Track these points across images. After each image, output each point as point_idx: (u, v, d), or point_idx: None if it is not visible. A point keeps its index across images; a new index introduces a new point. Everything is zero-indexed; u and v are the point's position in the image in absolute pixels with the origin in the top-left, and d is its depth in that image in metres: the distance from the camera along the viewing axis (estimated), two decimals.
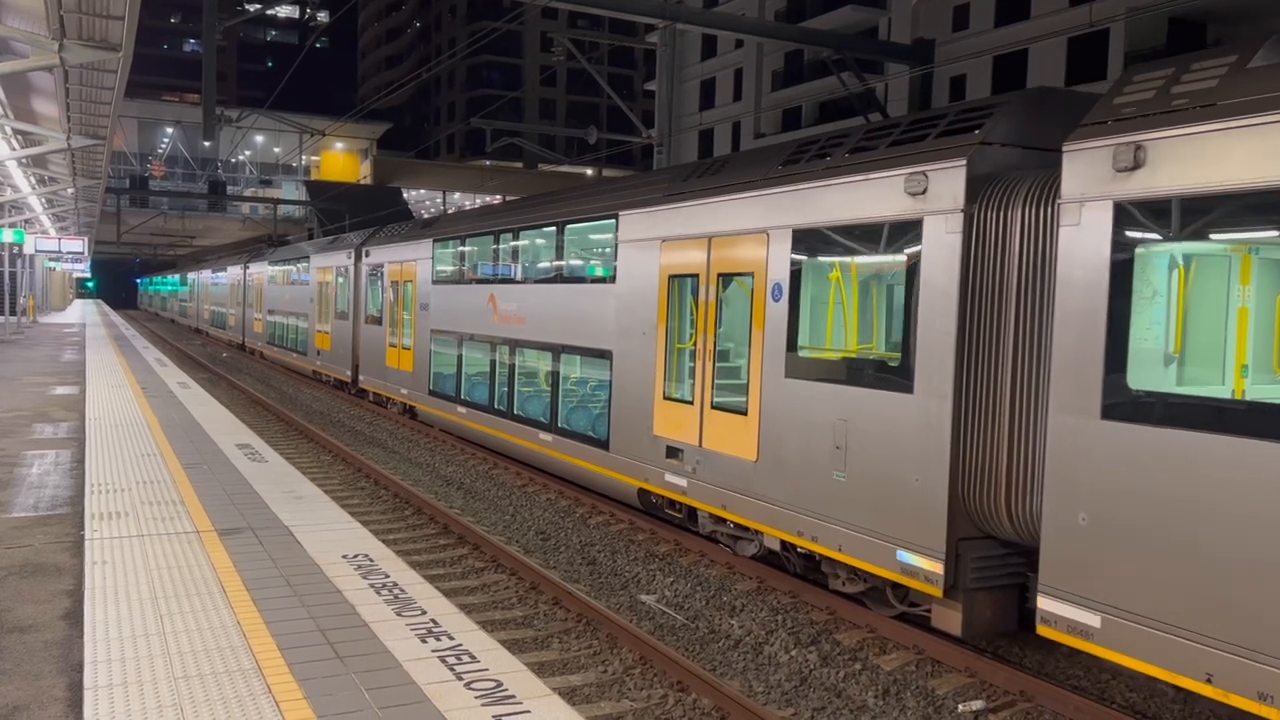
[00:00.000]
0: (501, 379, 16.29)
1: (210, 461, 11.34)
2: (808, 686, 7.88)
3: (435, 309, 19.30)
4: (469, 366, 17.88)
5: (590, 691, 7.60)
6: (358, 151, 78.32)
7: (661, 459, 11.61)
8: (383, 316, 22.65)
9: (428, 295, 19.75)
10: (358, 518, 12.45)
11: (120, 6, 11.58)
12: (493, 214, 17.52)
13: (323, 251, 28.71)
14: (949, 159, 7.93)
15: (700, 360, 10.91)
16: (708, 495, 10.75)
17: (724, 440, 10.46)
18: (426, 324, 19.70)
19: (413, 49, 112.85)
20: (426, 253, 19.99)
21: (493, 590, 10.10)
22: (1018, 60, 36.20)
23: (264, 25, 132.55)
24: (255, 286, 39.47)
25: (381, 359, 22.67)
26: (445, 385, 18.81)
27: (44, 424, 14.04)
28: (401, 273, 21.45)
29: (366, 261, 24.09)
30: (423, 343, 19.93)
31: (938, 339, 7.94)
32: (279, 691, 4.98)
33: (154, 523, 8.33)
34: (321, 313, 28.36)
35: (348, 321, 25.51)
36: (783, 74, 49.14)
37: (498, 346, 16.43)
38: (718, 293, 10.67)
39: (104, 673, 5.14)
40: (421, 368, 20.02)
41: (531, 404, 15.38)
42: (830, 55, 23.02)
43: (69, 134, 19.77)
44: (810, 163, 9.57)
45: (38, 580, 6.87)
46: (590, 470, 13.34)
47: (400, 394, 21.28)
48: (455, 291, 18.47)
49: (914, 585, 8.15)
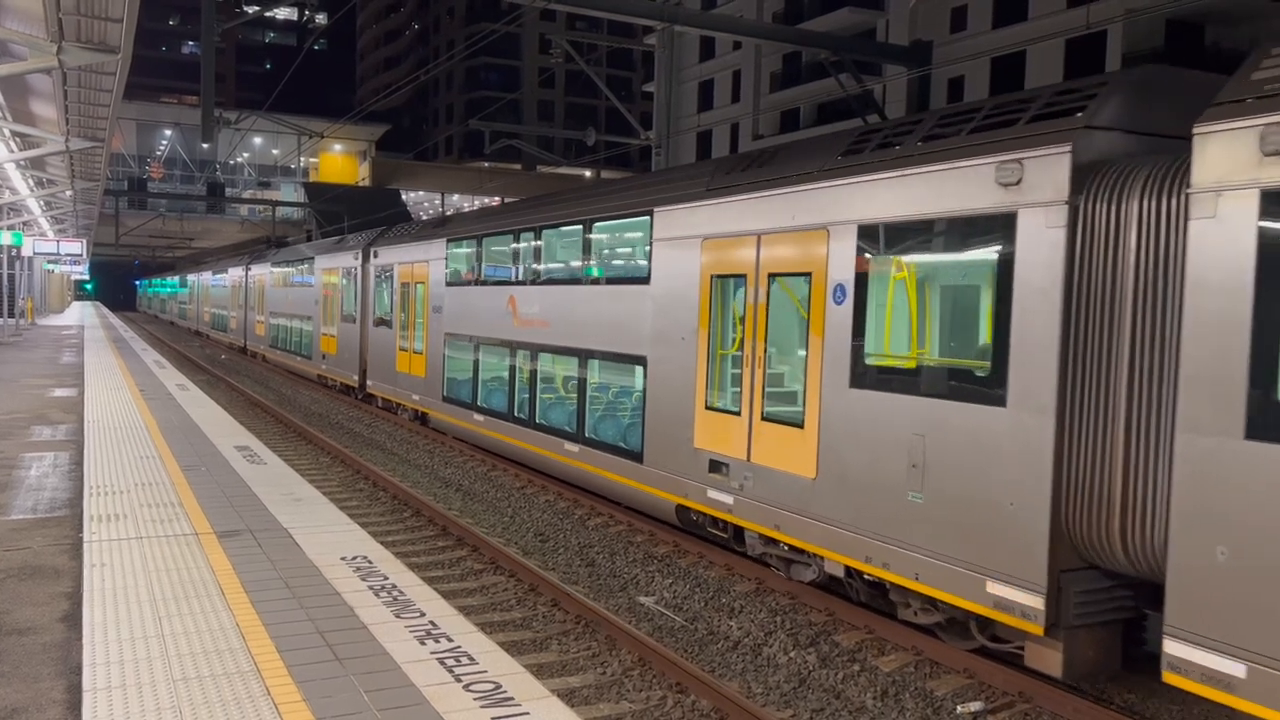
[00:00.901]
0: (522, 386, 15.47)
1: (209, 463, 11.34)
2: (806, 688, 7.88)
3: (449, 312, 18.44)
4: (486, 372, 17.08)
5: (589, 693, 7.60)
6: (356, 153, 78.34)
7: (703, 473, 10.76)
8: (392, 319, 21.77)
9: (441, 297, 18.85)
10: (356, 519, 12.44)
11: (119, 9, 11.59)
12: (511, 212, 16.62)
13: (328, 252, 27.93)
14: (1049, 145, 7.11)
15: (748, 368, 10.07)
16: (758, 514, 9.89)
17: (777, 455, 9.63)
18: (439, 327, 18.84)
19: (411, 51, 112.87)
20: (439, 253, 19.10)
21: (492, 592, 10.10)
22: (1015, 62, 36.23)
23: (262, 27, 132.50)
24: (257, 288, 38.72)
25: (391, 363, 21.88)
26: (460, 391, 17.97)
27: (42, 426, 14.03)
28: (412, 274, 20.55)
29: (375, 262, 23.30)
30: (435, 347, 19.06)
31: (1037, 346, 7.12)
32: (278, 693, 4.98)
33: (153, 525, 8.33)
34: (327, 315, 27.53)
35: (355, 324, 24.71)
36: (781, 76, 49.17)
37: (518, 351, 15.59)
38: (768, 294, 9.83)
39: (103, 675, 5.14)
40: (434, 373, 19.17)
41: (555, 412, 14.63)
42: (828, 57, 23.04)
43: (67, 136, 19.78)
44: (876, 152, 8.78)
45: (36, 582, 6.86)
46: (622, 484, 12.53)
47: (411, 400, 20.47)
48: (471, 293, 17.62)
49: (1008, 621, 7.29)
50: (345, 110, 63.28)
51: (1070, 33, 25.51)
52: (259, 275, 38.46)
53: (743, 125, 51.15)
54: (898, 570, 8.27)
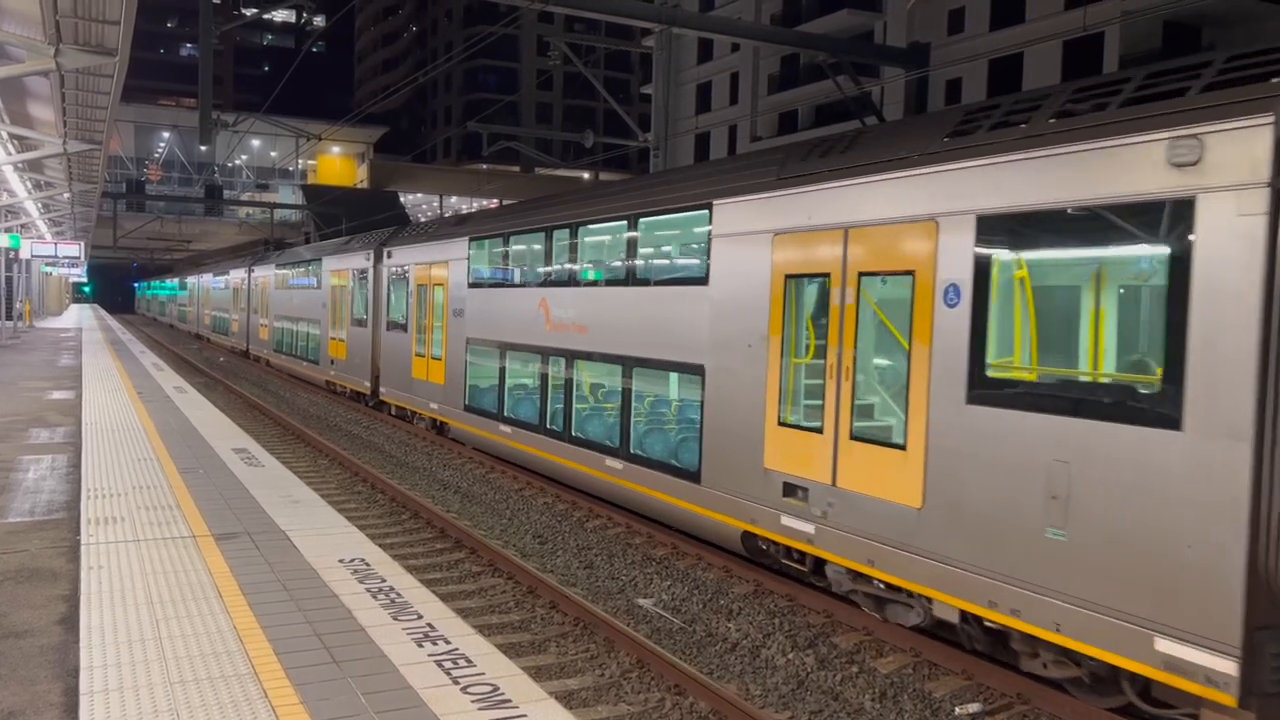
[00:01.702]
0: (555, 396, 14.34)
1: (206, 466, 11.33)
2: (805, 689, 7.88)
3: (472, 315, 17.31)
4: (514, 380, 16.01)
5: (587, 695, 7.60)
6: (354, 155, 78.32)
7: (776, 497, 9.59)
8: (408, 323, 20.57)
9: (462, 300, 17.73)
10: (354, 522, 12.43)
11: (116, 11, 11.59)
12: (543, 208, 15.38)
13: (337, 253, 26.80)
14: (1241, 116, 5.99)
15: (833, 379, 8.90)
16: (846, 546, 8.73)
17: (870, 479, 8.47)
18: (461, 332, 17.69)
19: (409, 53, 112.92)
20: (461, 252, 17.93)
21: (490, 594, 10.09)
22: (1013, 64, 36.27)
23: (260, 29, 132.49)
24: (260, 290, 37.53)
25: (406, 370, 20.69)
26: (484, 401, 16.87)
27: (40, 429, 14.02)
28: (430, 275, 19.39)
29: (389, 263, 22.06)
30: (456, 353, 17.94)
31: (1225, 359, 5.97)
32: (275, 696, 4.98)
33: (150, 527, 8.32)
34: (336, 319, 26.32)
35: (366, 329, 23.64)
36: (779, 77, 49.21)
37: (551, 359, 14.44)
38: (858, 295, 8.69)
39: (99, 678, 5.13)
40: (455, 380, 18.00)
41: (594, 425, 13.59)
42: (826, 59, 23.07)
43: (65, 139, 19.77)
44: (995, 132, 7.71)
45: (33, 585, 6.85)
46: (674, 506, 11.39)
47: (429, 409, 19.32)
48: (497, 296, 16.49)
49: (1184, 686, 6.18)
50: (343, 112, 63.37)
51: (1068, 34, 25.54)
52: (263, 277, 37.36)
53: (741, 127, 51.19)
54: (1031, 619, 7.06)
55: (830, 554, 8.96)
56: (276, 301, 34.50)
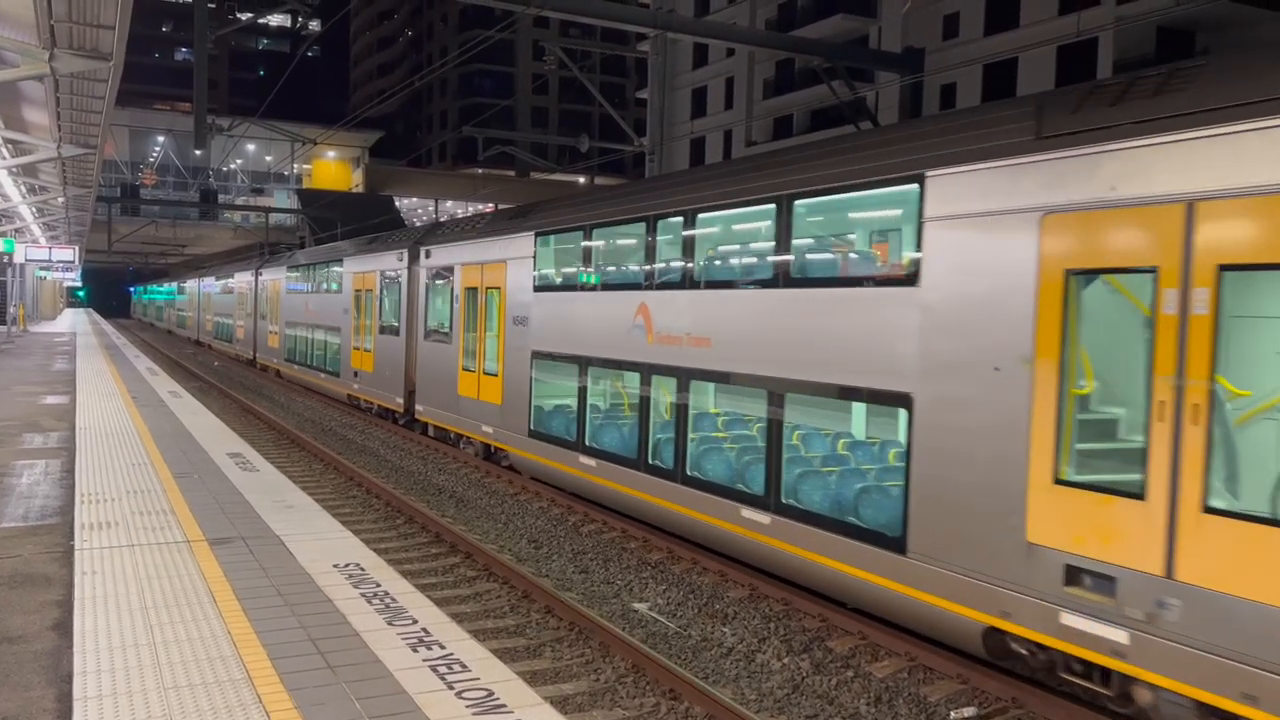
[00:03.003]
0: (662, 425, 11.93)
1: (201, 470, 11.31)
2: (800, 694, 7.88)
3: (540, 324, 14.68)
4: (599, 403, 13.80)
5: (582, 700, 7.60)
6: (350, 159, 78.34)
7: (1050, 585, 7.00)
8: (452, 332, 18.05)
9: (526, 306, 15.10)
10: (349, 527, 12.42)
11: (111, 16, 11.58)
12: (640, 192, 12.79)
13: (363, 253, 24.18)
14: None
15: (1166, 423, 6.36)
16: (1194, 668, 6.15)
17: (1247, 574, 5.91)
18: (525, 343, 15.05)
19: (405, 57, 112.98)
20: (525, 249, 15.25)
21: (485, 599, 10.08)
22: (1008, 69, 36.39)
23: (256, 34, 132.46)
24: (270, 295, 34.74)
25: (450, 386, 18.11)
26: (556, 426, 14.40)
27: (34, 433, 13.98)
28: (484, 277, 16.81)
29: (428, 264, 19.42)
30: (518, 368, 15.29)
31: None
32: (270, 701, 4.97)
33: (144, 532, 8.31)
34: (360, 326, 23.81)
35: (398, 338, 21.11)
36: (774, 82, 49.31)
37: (655, 378, 11.93)
38: (1215, 299, 6.15)
39: (93, 683, 5.12)
40: (516, 400, 15.33)
41: (720, 464, 11.06)
42: (821, 64, 23.12)
43: (60, 143, 19.75)
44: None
45: (27, 590, 6.84)
46: (859, 579, 8.70)
47: (480, 432, 16.66)
48: (575, 301, 13.79)
49: None
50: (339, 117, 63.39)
51: (1062, 39, 25.61)
52: (272, 280, 34.51)
53: (736, 132, 51.29)
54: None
55: (1164, 678, 6.39)
56: (288, 307, 31.81)
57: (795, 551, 9.51)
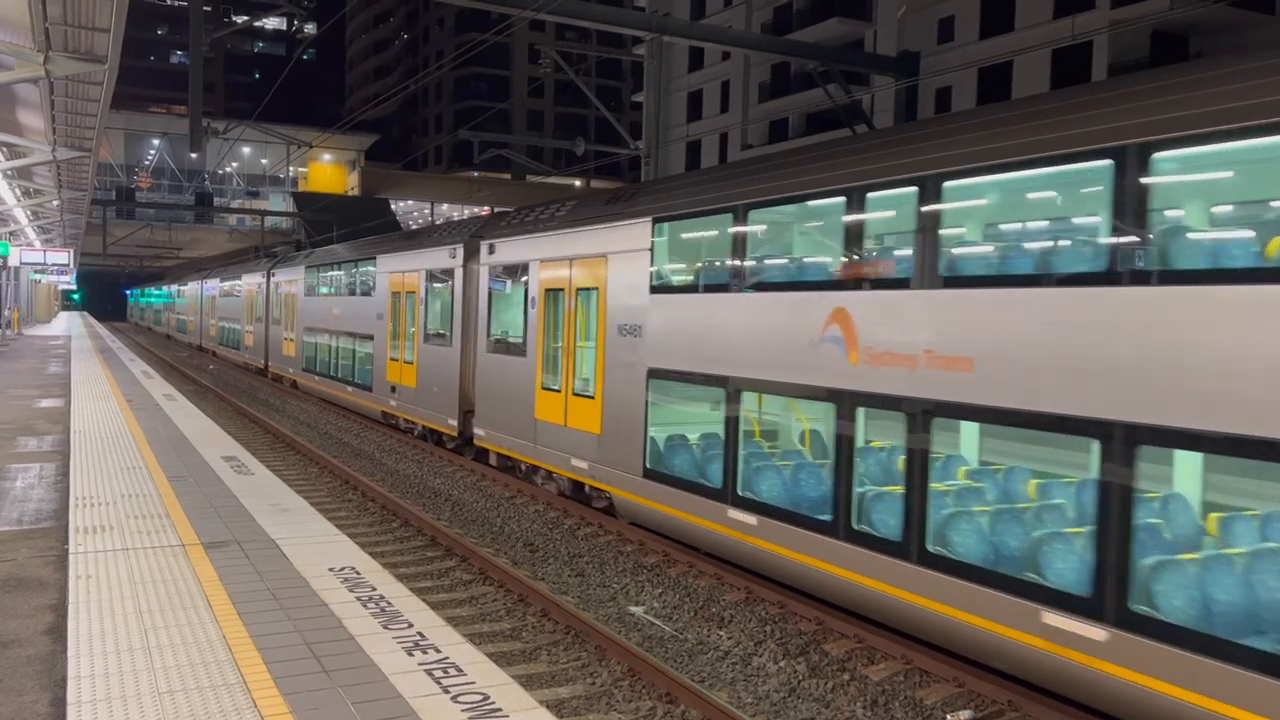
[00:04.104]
0: (875, 475, 9.46)
1: (196, 474, 11.28)
2: (796, 697, 7.87)
3: (661, 334, 11.76)
4: (766, 441, 11.41)
5: (578, 704, 7.58)
6: (345, 163, 78.33)
7: None
8: (527, 343, 15.11)
9: (639, 312, 12.17)
10: (345, 530, 12.39)
11: (106, 19, 11.56)
12: (839, 155, 9.40)
13: (402, 249, 21.23)
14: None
15: None
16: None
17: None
18: (637, 358, 12.16)
19: (400, 61, 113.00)
20: (638, 240, 12.27)
21: (481, 602, 10.07)
22: (1003, 72, 36.47)
23: (251, 37, 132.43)
24: (285, 298, 31.70)
25: (524, 408, 15.07)
26: (689, 466, 11.56)
27: (28, 437, 13.95)
28: (573, 275, 13.85)
29: (491, 260, 16.53)
30: (626, 389, 12.36)
31: None
32: (264, 706, 4.95)
33: (139, 536, 8.28)
34: (399, 334, 20.98)
35: (450, 348, 18.26)
36: (769, 86, 49.40)
37: (864, 412, 8.79)
38: None
39: (87, 688, 5.10)
40: (623, 430, 12.35)
41: (988, 540, 8.10)
42: (816, 67, 23.16)
43: (54, 146, 19.70)
44: None
45: (21, 595, 6.81)
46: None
47: (570, 467, 13.67)
48: (721, 305, 10.69)
49: None
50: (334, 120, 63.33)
51: (1056, 43, 25.69)
52: (287, 281, 31.48)
53: (732, 135, 51.35)
54: None
55: None
56: (307, 311, 28.72)
57: (1165, 690, 6.28)
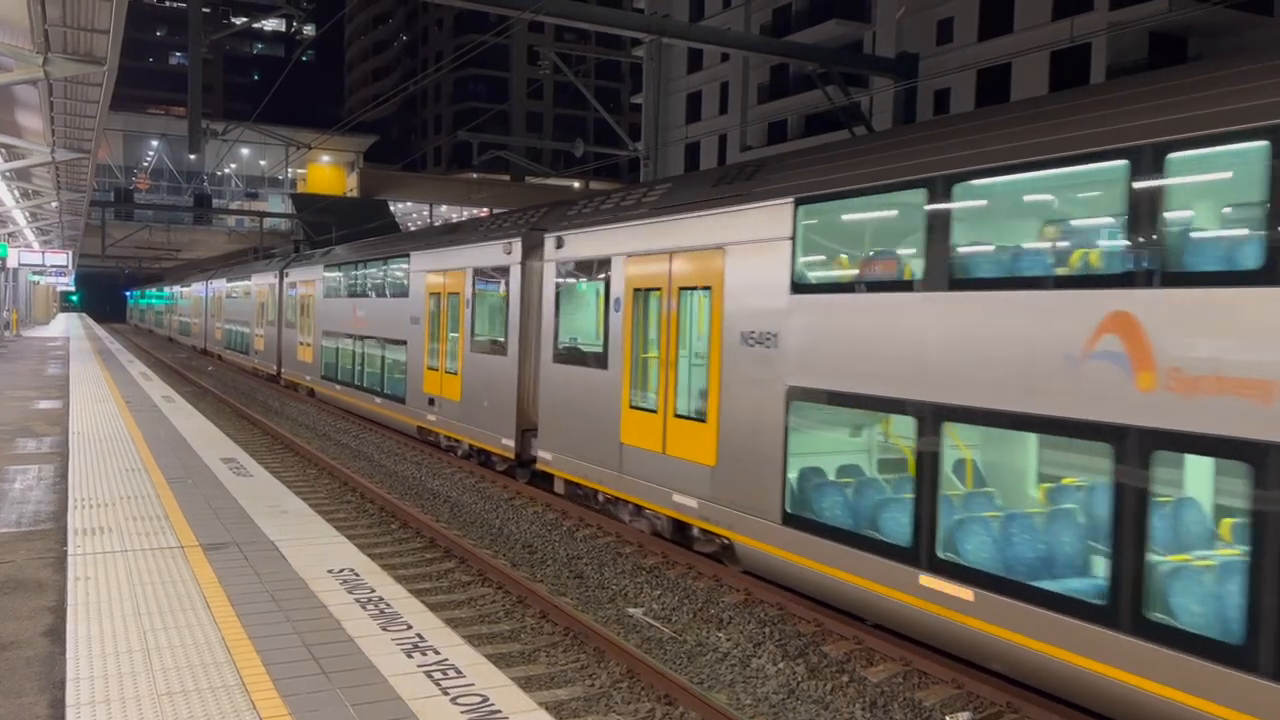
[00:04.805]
0: (1188, 541, 7.28)
1: (195, 476, 11.28)
2: (795, 699, 7.87)
3: (808, 344, 9.30)
4: (981, 489, 8.83)
5: (577, 705, 7.58)
6: (344, 164, 78.29)
7: None
8: (609, 353, 12.84)
9: (775, 316, 9.67)
10: (343, 532, 12.39)
11: (105, 20, 11.56)
12: (1110, 98, 7.01)
13: (441, 245, 19.07)
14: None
15: None
16: None
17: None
18: (770, 374, 9.70)
19: (399, 62, 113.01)
20: (772, 227, 9.71)
21: (480, 604, 10.07)
22: (1001, 74, 36.50)
23: (250, 38, 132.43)
24: (301, 299, 29.78)
25: (604, 430, 12.80)
26: (854, 514, 9.15)
27: (27, 439, 13.93)
28: (673, 272, 11.47)
29: (559, 256, 14.21)
30: (754, 411, 9.93)
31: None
32: (263, 708, 4.95)
33: (138, 538, 8.28)
34: (439, 339, 18.83)
35: (505, 357, 16.04)
36: (768, 87, 49.44)
37: (1163, 459, 6.51)
38: None
39: (86, 690, 5.10)
40: (750, 463, 9.99)
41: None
42: (815, 69, 23.17)
43: (53, 147, 19.70)
44: None
45: (19, 596, 6.81)
46: None
47: (671, 504, 11.38)
48: (907, 308, 8.26)
49: None
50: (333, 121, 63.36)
51: (1055, 45, 25.72)
52: (304, 281, 29.54)
53: (730, 137, 51.38)
54: None
55: None
56: (327, 313, 26.78)
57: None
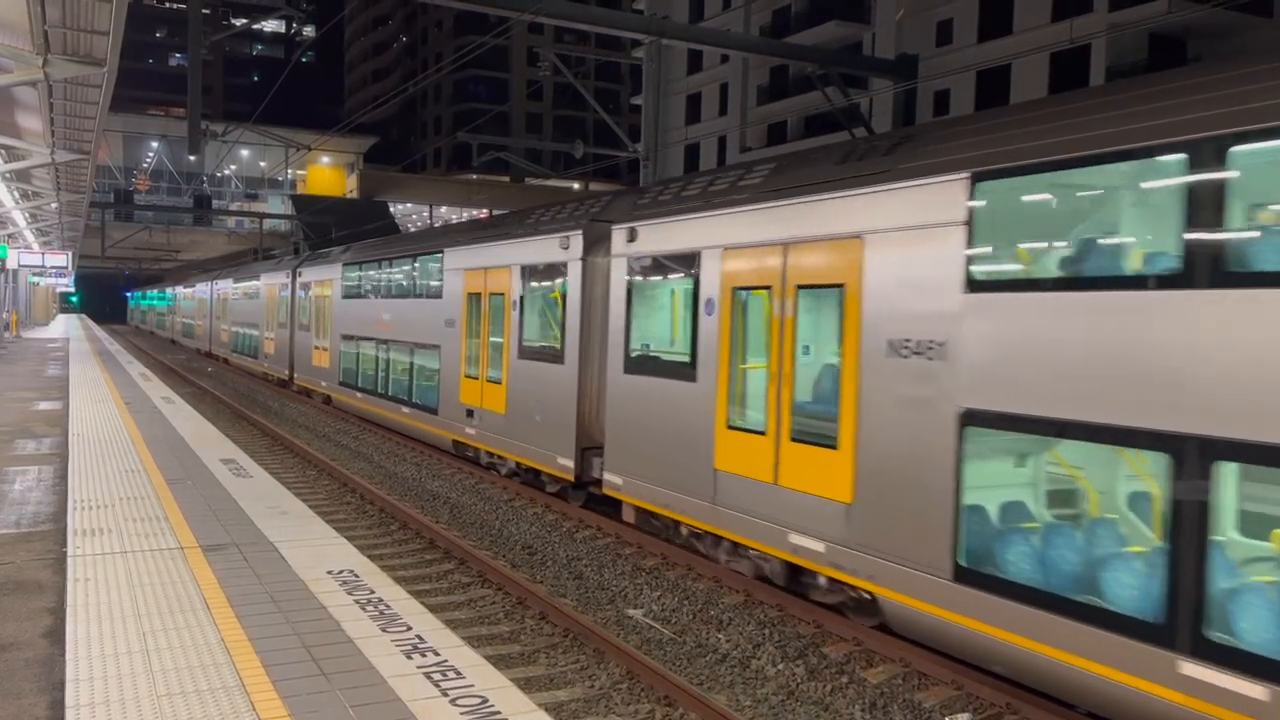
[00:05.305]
0: None
1: (194, 477, 11.28)
2: (795, 700, 7.87)
3: (994, 356, 7.43)
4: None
5: (577, 707, 7.58)
6: (344, 165, 78.33)
7: None
8: (700, 363, 10.88)
9: (944, 320, 7.85)
10: (343, 533, 12.38)
11: (105, 21, 11.56)
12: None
13: (482, 241, 17.17)
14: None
15: None
16: None
17: None
18: (934, 392, 7.90)
19: (399, 63, 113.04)
20: (937, 210, 7.93)
21: (479, 605, 10.06)
22: (1001, 75, 36.52)
23: (250, 39, 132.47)
24: (316, 300, 28.17)
25: (692, 451, 10.94)
26: (1069, 574, 7.14)
27: (26, 440, 13.93)
28: (787, 267, 9.55)
29: (632, 250, 12.20)
30: (906, 436, 8.16)
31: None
32: (263, 709, 4.95)
33: (137, 539, 8.28)
34: (479, 344, 17.15)
35: (561, 365, 14.17)
36: (768, 88, 49.45)
37: None
38: None
39: (86, 691, 5.10)
40: (903, 500, 8.16)
41: None
42: (815, 70, 23.17)
43: (53, 148, 19.69)
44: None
45: (19, 597, 6.81)
46: None
47: (785, 545, 9.44)
48: (1156, 311, 6.35)
49: None
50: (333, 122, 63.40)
51: (1054, 46, 25.72)
52: (319, 281, 27.89)
53: (730, 138, 51.39)
54: None
55: None
56: (345, 315, 25.27)
57: None
